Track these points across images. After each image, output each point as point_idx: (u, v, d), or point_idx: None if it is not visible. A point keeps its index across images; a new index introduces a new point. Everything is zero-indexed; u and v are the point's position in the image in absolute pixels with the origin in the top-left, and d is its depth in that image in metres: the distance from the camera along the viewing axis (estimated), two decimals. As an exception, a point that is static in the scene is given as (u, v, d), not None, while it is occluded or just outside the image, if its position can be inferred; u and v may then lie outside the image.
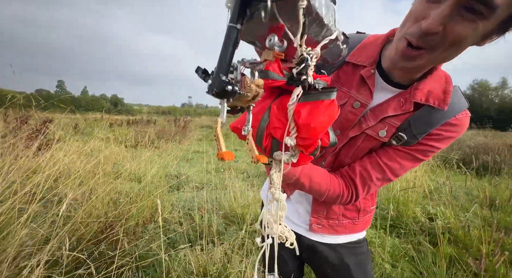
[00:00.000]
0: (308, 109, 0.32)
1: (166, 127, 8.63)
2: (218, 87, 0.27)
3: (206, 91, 0.29)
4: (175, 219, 2.10)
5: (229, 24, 0.28)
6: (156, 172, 2.93)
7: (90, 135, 3.62)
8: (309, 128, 0.32)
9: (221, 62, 0.28)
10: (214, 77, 0.28)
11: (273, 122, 0.34)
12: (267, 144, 0.36)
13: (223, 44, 0.29)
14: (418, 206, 2.53)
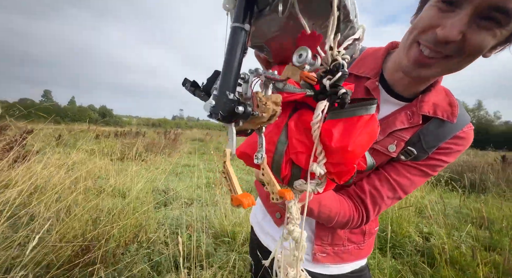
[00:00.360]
0: (341, 128, 0.26)
1: (156, 140, 8.42)
2: (224, 109, 0.22)
3: (208, 115, 0.23)
4: (161, 239, 1.94)
5: (233, 24, 0.23)
6: (142, 186, 2.77)
7: (73, 147, 3.43)
8: (345, 152, 0.25)
9: (226, 75, 0.22)
10: (218, 96, 0.22)
11: (294, 146, 0.29)
12: (287, 172, 0.30)
13: (226, 52, 0.23)
14: (412, 225, 2.51)
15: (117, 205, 1.95)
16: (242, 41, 0.22)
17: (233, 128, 0.24)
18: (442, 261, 1.66)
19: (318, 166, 0.26)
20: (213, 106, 0.22)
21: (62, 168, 2.44)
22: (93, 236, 1.43)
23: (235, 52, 0.22)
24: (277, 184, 0.27)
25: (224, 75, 0.23)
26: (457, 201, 3.60)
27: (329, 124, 0.26)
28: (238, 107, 0.22)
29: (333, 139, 0.25)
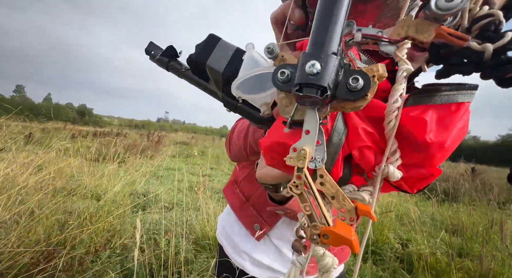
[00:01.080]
0: (435, 118, 0.18)
1: (138, 141, 8.10)
2: (330, 78, 0.14)
3: (296, 90, 0.14)
4: (137, 245, 1.82)
5: None
6: (120, 189, 2.61)
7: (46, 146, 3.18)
8: (441, 149, 0.18)
9: (328, 27, 0.14)
10: (326, 56, 0.14)
11: (360, 138, 0.20)
12: (340, 173, 0.21)
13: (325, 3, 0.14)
14: (391, 231, 2.57)
15: (89, 207, 1.81)
16: None
17: (316, 114, 0.16)
18: (420, 267, 1.70)
19: (393, 168, 0.19)
20: (318, 72, 0.13)
21: (30, 167, 2.24)
22: (59, 241, 1.30)
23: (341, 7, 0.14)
24: (348, 198, 0.19)
25: (325, 21, 0.14)
26: (432, 209, 3.77)
27: (416, 111, 0.18)
28: (357, 78, 0.14)
29: (427, 131, 0.18)
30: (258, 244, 0.57)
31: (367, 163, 0.20)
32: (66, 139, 5.00)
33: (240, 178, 0.62)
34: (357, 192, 0.21)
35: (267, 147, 0.20)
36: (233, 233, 0.60)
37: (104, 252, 1.61)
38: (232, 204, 0.61)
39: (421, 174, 0.20)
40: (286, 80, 0.14)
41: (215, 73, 0.27)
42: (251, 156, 0.51)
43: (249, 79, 0.21)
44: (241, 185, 0.61)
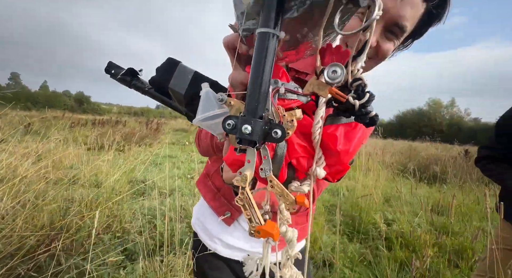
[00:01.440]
0: (343, 133, 0.27)
1: (136, 129, 8.15)
2: (261, 135, 0.20)
3: (237, 142, 0.21)
4: (135, 229, 1.96)
5: (262, 29, 0.19)
6: (119, 177, 2.72)
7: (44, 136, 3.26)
8: (346, 154, 0.27)
9: (258, 93, 0.20)
10: (254, 121, 0.19)
11: (295, 151, 0.28)
12: (285, 177, 0.29)
13: (255, 63, 0.20)
14: (378, 212, 2.72)
15: (89, 195, 1.92)
16: (274, 50, 0.20)
17: (255, 151, 0.22)
18: (398, 244, 1.84)
19: (320, 169, 0.27)
20: (250, 133, 0.19)
21: (30, 157, 2.32)
22: (62, 225, 1.41)
23: (266, 64, 0.19)
24: (290, 194, 0.27)
25: (255, 92, 0.20)
26: (422, 191, 3.92)
27: (331, 129, 0.27)
28: (276, 131, 0.20)
29: (337, 142, 0.26)
30: (229, 229, 0.65)
31: (302, 167, 0.29)
32: (64, 128, 5.06)
33: (211, 171, 0.68)
34: (300, 187, 0.29)
35: (230, 163, 0.28)
36: (206, 221, 0.67)
37: (106, 235, 1.74)
38: (205, 195, 0.67)
39: (338, 170, 0.29)
40: (232, 128, 0.21)
41: (177, 94, 0.32)
42: (218, 153, 0.57)
43: (207, 117, 0.27)
44: (213, 177, 0.67)
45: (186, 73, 0.32)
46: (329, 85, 0.23)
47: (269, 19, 0.19)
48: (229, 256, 0.65)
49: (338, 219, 1.91)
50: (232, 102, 0.25)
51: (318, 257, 1.73)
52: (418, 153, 6.31)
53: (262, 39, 0.19)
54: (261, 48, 0.19)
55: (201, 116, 0.27)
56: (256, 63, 0.20)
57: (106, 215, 1.82)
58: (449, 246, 1.89)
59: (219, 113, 0.27)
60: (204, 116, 0.27)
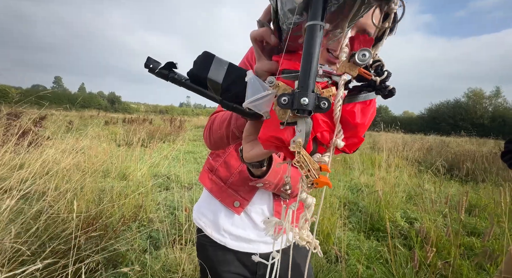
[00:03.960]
0: (359, 110, 0.32)
1: (162, 126, 8.64)
2: (314, 106, 0.25)
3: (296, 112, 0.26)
4: (160, 218, 2.13)
5: (311, 22, 0.24)
6: (146, 170, 2.96)
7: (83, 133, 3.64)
8: (363, 127, 0.32)
9: (309, 74, 0.25)
10: (309, 94, 0.24)
11: (320, 126, 0.33)
12: (311, 149, 0.34)
13: (305, 51, 0.25)
14: (399, 210, 2.60)
15: (120, 186, 2.12)
16: (319, 41, 0.24)
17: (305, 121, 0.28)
18: (418, 242, 1.76)
19: (339, 141, 0.33)
20: (307, 104, 0.24)
21: (72, 152, 2.62)
22: (97, 212, 1.60)
23: (316, 50, 0.24)
24: (316, 163, 0.31)
25: (307, 72, 0.25)
26: (453, 190, 3.64)
27: (350, 106, 0.32)
28: (324, 102, 0.25)
29: (356, 117, 0.32)
30: (236, 220, 0.69)
31: (325, 140, 0.34)
32: (100, 125, 5.53)
33: (215, 166, 0.72)
34: (321, 157, 0.35)
35: (266, 139, 0.33)
36: (214, 215, 0.70)
37: (134, 223, 1.93)
38: (211, 189, 0.71)
39: (354, 142, 0.34)
40: (286, 103, 0.26)
41: (215, 84, 0.37)
42: (232, 141, 0.58)
43: (256, 99, 0.32)
44: (217, 171, 0.71)
45: (222, 65, 0.37)
46: (358, 66, 0.29)
47: (317, 13, 0.24)
48: (237, 248, 0.69)
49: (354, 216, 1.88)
50: (279, 84, 0.31)
51: (332, 252, 1.73)
52: (450, 148, 5.81)
53: (312, 30, 0.24)
54: (312, 37, 0.24)
55: (253, 98, 0.32)
56: (308, 49, 0.24)
57: (133, 205, 2.01)
58: (478, 247, 1.77)
59: (267, 94, 0.32)
60: (257, 97, 0.32)
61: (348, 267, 1.64)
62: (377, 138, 7.91)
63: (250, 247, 0.70)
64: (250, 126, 0.41)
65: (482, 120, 37.63)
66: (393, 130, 7.76)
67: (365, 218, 2.39)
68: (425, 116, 44.79)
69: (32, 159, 2.22)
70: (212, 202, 0.72)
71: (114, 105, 53.27)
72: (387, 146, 4.13)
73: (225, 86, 0.37)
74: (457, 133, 10.35)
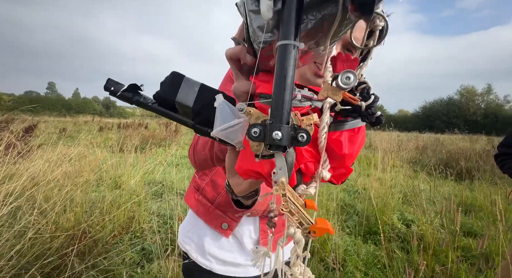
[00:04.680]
0: (347, 138, 0.29)
1: (157, 131, 8.55)
2: (288, 140, 0.22)
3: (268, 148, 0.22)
4: (153, 229, 2.08)
5: (284, 41, 0.21)
6: (140, 178, 2.90)
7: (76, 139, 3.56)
8: (350, 157, 0.29)
9: (283, 101, 0.21)
10: (282, 126, 0.21)
11: (302, 157, 0.29)
12: (295, 181, 0.31)
13: (278, 74, 0.21)
14: (396, 212, 2.59)
15: (111, 196, 2.07)
16: (295, 60, 0.21)
17: (283, 157, 0.24)
18: (415, 246, 1.75)
19: (325, 172, 0.30)
20: (281, 138, 0.21)
21: (64, 161, 2.55)
22: (88, 225, 1.55)
23: (290, 74, 0.21)
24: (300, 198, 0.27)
25: (280, 100, 0.21)
26: (448, 189, 3.65)
27: (336, 135, 0.29)
28: (302, 135, 0.22)
29: (343, 147, 0.29)
30: (223, 243, 0.65)
31: (310, 172, 0.31)
32: (94, 131, 5.45)
33: (201, 185, 0.68)
34: (306, 189, 0.31)
35: (243, 172, 0.31)
36: (199, 238, 0.66)
37: (126, 235, 1.88)
38: (197, 210, 0.67)
39: (341, 172, 0.32)
40: (258, 135, 0.22)
41: (184, 107, 0.33)
42: (218, 164, 0.56)
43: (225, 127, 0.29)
44: (204, 191, 0.67)
45: (192, 86, 0.33)
46: (342, 90, 0.25)
47: (290, 32, 0.21)
48: (224, 273, 0.66)
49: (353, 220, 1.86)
50: (251, 111, 0.26)
51: (329, 259, 1.71)
52: (445, 146, 5.86)
53: (284, 51, 0.21)
54: (284, 59, 0.21)
55: (221, 127, 0.28)
56: (280, 73, 0.21)
57: (126, 216, 1.96)
58: (475, 249, 1.76)
59: (238, 122, 0.28)
60: (226, 126, 0.28)
61: (345, 274, 1.62)
62: (373, 137, 7.95)
63: (239, 271, 0.67)
64: (232, 156, 0.36)
65: (475, 117, 38.26)
66: (389, 129, 7.82)
67: (362, 221, 2.37)
68: (420, 114, 45.35)
69: (21, 170, 2.16)
70: (198, 224, 0.68)
71: (109, 110, 52.82)
72: (383, 145, 4.14)
73: (196, 110, 0.33)
74: (450, 131, 10.49)
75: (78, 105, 49.57)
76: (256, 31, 0.26)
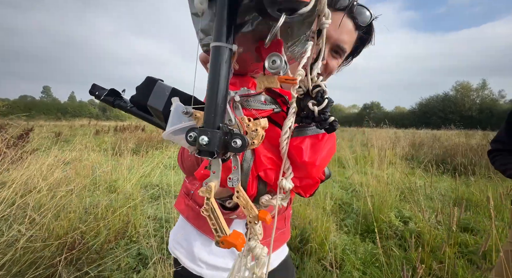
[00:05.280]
0: (309, 145, 0.27)
1: (154, 133, 8.50)
2: (220, 145, 0.20)
3: (196, 153, 0.21)
4: (150, 233, 2.06)
5: (215, 43, 0.20)
6: (136, 181, 2.87)
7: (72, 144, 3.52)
8: (313, 167, 0.27)
9: (215, 104, 0.20)
10: (211, 131, 0.20)
11: (262, 163, 0.27)
12: (254, 190, 0.29)
13: (211, 76, 0.20)
14: (394, 210, 2.60)
15: (107, 201, 2.04)
16: (228, 63, 0.20)
17: (219, 161, 0.23)
18: (413, 243, 1.75)
19: (287, 181, 0.27)
20: (207, 143, 0.20)
21: (59, 166, 2.52)
22: (81, 232, 1.53)
23: (221, 77, 0.20)
24: (254, 207, 0.26)
25: (212, 104, 0.20)
26: (445, 184, 3.67)
27: (297, 141, 0.27)
28: (235, 141, 0.21)
29: (303, 155, 0.26)
30: (214, 248, 0.64)
31: (269, 180, 0.28)
32: (90, 135, 5.42)
33: (191, 190, 0.67)
34: (270, 200, 0.30)
35: (200, 177, 0.29)
36: (189, 243, 0.65)
37: (122, 240, 1.85)
38: (188, 215, 0.66)
39: (309, 183, 0.29)
40: (193, 140, 0.21)
41: (156, 111, 0.33)
42: None
43: (176, 131, 0.28)
44: (194, 196, 0.66)
45: (164, 91, 0.33)
46: (276, 75, 0.24)
47: (221, 33, 0.20)
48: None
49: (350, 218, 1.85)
50: (197, 115, 0.25)
51: (327, 259, 1.70)
52: (441, 142, 5.89)
53: (215, 53, 0.20)
54: (215, 61, 0.20)
55: (168, 129, 0.27)
56: (211, 76, 0.20)
57: (121, 220, 1.94)
58: (471, 245, 1.76)
59: (185, 126, 0.27)
60: (172, 129, 0.27)
61: (344, 274, 1.61)
62: (371, 135, 7.98)
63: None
64: None
65: (470, 113, 38.62)
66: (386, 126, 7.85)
67: (359, 219, 2.37)
68: (416, 111, 45.65)
69: (14, 177, 2.12)
70: (188, 230, 0.67)
71: (105, 113, 52.45)
72: (380, 143, 4.16)
73: (166, 114, 0.32)
74: (446, 127, 10.60)
75: (74, 108, 49.19)
76: (200, 34, 0.25)
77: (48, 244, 1.28)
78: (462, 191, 3.02)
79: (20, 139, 3.44)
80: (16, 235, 1.28)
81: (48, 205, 1.69)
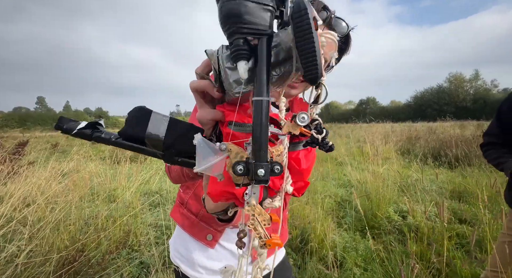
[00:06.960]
0: (303, 156, 0.36)
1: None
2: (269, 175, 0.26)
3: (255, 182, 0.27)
4: (151, 241, 2.06)
5: (256, 98, 0.26)
6: (135, 189, 2.87)
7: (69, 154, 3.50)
8: (307, 172, 0.36)
9: (261, 145, 0.26)
10: (265, 165, 0.26)
11: None
12: (261, 197, 0.35)
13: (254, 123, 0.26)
14: (392, 204, 2.63)
15: (107, 211, 2.04)
16: (267, 111, 0.27)
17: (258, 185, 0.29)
18: (411, 237, 1.78)
19: (288, 186, 0.35)
20: (264, 175, 0.26)
21: (56, 178, 2.50)
22: (81, 245, 1.53)
23: (264, 122, 0.26)
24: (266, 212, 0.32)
25: (260, 144, 0.26)
26: (442, 177, 3.71)
27: (295, 154, 0.35)
28: (278, 168, 0.27)
29: (301, 163, 0.35)
30: (211, 253, 0.67)
31: (276, 187, 0.35)
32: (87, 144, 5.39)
33: (185, 199, 0.70)
34: (272, 203, 0.35)
35: (218, 194, 0.34)
36: (187, 251, 0.67)
37: (123, 250, 1.86)
38: (183, 224, 0.68)
39: (301, 185, 0.37)
40: (243, 172, 0.27)
41: (155, 141, 0.35)
42: (188, 180, 0.59)
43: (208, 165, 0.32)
44: (188, 204, 0.69)
45: (161, 121, 0.36)
46: (299, 126, 0.32)
47: (262, 90, 0.26)
48: None
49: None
50: (231, 149, 0.31)
51: (328, 258, 1.72)
52: (437, 135, 5.95)
53: (259, 105, 0.26)
54: (260, 111, 0.26)
55: (206, 165, 0.31)
56: (258, 122, 0.26)
57: (122, 230, 1.94)
58: (469, 235, 1.79)
59: (219, 159, 0.32)
60: (209, 164, 0.31)
61: (345, 272, 1.63)
62: (368, 129, 8.04)
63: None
64: (207, 176, 0.39)
65: (465, 103, 38.99)
66: (383, 121, 7.92)
67: (359, 216, 2.40)
68: (412, 104, 45.96)
69: (12, 191, 2.11)
70: (185, 238, 0.69)
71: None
72: (377, 137, 4.20)
73: (168, 143, 0.35)
74: (442, 119, 10.72)
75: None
76: (232, 84, 0.31)
77: (49, 258, 1.28)
78: (458, 182, 3.06)
79: (16, 153, 3.42)
80: (15, 251, 1.28)
81: (47, 219, 1.69)
